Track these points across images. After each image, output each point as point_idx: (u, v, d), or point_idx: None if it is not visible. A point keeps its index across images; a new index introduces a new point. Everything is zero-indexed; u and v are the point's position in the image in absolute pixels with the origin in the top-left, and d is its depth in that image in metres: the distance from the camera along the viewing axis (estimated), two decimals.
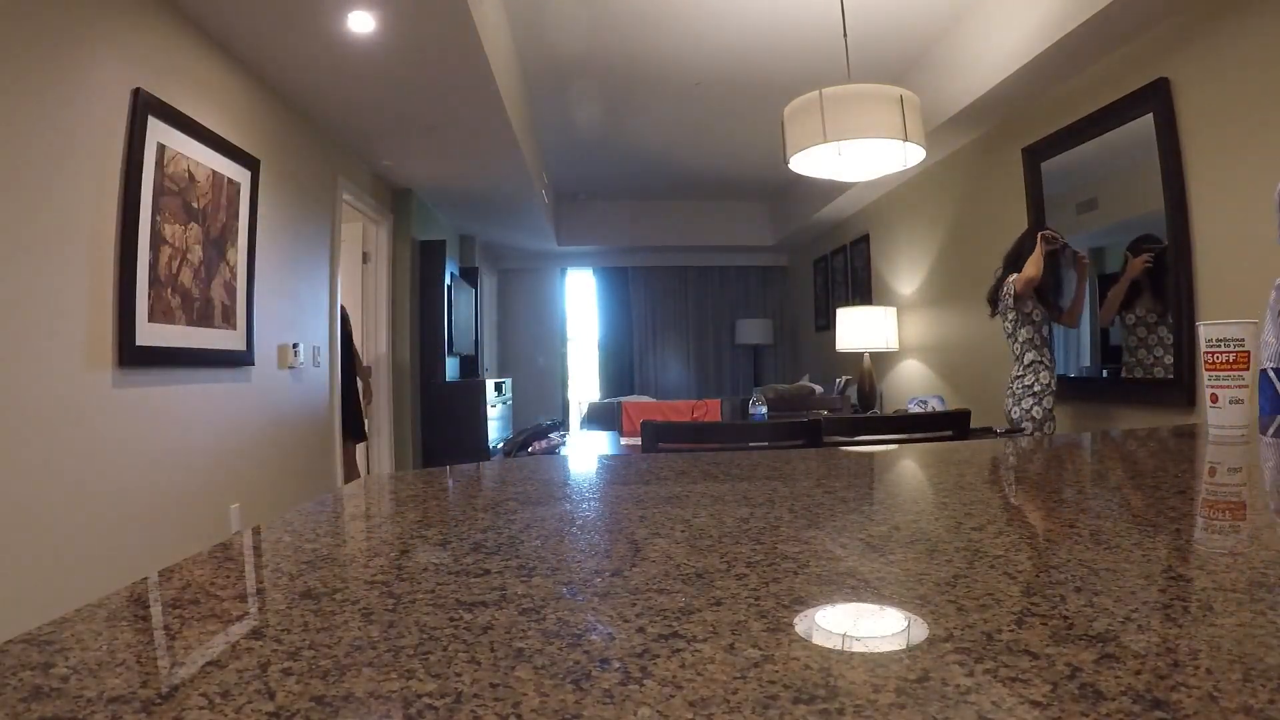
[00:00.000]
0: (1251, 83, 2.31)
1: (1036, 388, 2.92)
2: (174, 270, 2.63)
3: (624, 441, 2.63)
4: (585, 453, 2.30)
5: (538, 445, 2.11)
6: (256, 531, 0.63)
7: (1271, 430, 1.12)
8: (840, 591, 0.43)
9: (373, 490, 0.91)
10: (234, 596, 0.45)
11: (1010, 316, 2.99)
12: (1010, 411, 3.00)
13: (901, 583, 0.44)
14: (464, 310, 6.06)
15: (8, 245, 1.95)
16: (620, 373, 8.44)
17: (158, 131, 2.50)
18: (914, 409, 3.98)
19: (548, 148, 5.69)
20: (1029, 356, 2.96)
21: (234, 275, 3.05)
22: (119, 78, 2.34)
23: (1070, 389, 3.31)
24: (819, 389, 5.09)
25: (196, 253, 2.77)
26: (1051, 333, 3.06)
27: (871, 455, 1.19)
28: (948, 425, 2.11)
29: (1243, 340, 1.08)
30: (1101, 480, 0.88)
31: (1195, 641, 0.33)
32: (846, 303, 5.89)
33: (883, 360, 5.36)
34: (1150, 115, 2.71)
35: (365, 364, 4.73)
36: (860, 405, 4.98)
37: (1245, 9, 2.32)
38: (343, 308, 4.32)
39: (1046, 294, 3.00)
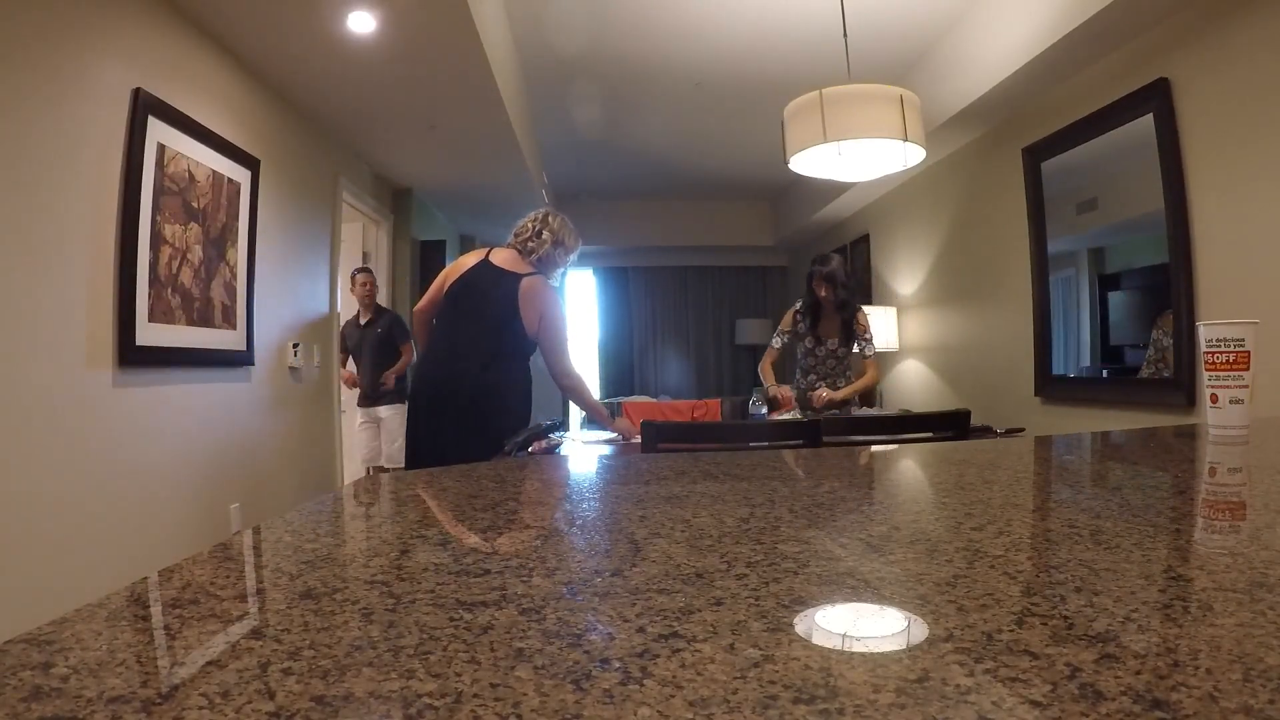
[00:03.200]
0: (1252, 82, 2.31)
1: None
2: (174, 270, 2.63)
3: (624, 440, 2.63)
4: (586, 453, 2.30)
5: (538, 445, 2.10)
6: (256, 531, 0.63)
7: None
8: (840, 591, 0.43)
9: (373, 490, 0.90)
10: (234, 596, 0.45)
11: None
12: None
13: (901, 583, 0.44)
14: None
15: (8, 245, 1.95)
16: (620, 373, 8.43)
17: (158, 131, 2.50)
18: None
19: (548, 148, 5.69)
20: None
21: (234, 275, 3.05)
22: (119, 78, 2.34)
23: (1070, 389, 3.31)
24: None
25: (196, 253, 2.77)
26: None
27: (871, 455, 1.19)
28: (948, 425, 2.11)
29: (1243, 340, 1.08)
30: (1101, 480, 0.88)
31: (1195, 641, 0.33)
32: None
33: (883, 360, 5.36)
34: (1150, 115, 2.70)
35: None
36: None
37: (1245, 9, 2.32)
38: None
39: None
